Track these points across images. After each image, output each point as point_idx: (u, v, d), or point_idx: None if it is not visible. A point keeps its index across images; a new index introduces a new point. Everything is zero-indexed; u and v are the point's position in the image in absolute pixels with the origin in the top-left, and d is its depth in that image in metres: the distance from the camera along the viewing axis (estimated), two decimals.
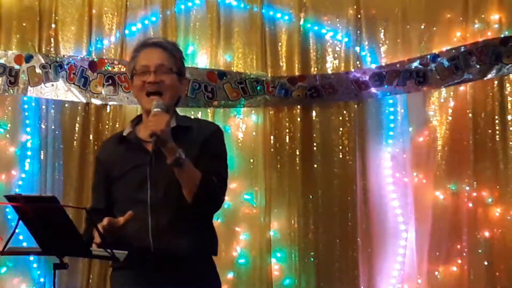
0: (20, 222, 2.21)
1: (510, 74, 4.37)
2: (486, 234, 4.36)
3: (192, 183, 2.40)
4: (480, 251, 4.33)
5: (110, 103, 4.63)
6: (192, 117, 4.55)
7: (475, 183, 4.38)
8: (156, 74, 2.50)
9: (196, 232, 2.49)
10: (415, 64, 4.43)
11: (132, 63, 2.59)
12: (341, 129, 4.58)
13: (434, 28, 4.53)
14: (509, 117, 4.38)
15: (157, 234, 2.41)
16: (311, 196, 4.54)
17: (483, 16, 4.46)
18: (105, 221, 2.34)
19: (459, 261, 4.37)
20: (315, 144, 4.57)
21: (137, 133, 2.59)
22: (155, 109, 2.42)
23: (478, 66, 4.34)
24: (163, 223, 2.42)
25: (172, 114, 2.54)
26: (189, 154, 2.43)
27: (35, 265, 4.55)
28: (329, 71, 4.61)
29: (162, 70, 2.51)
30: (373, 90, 4.49)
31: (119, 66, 4.57)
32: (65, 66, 4.58)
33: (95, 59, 4.60)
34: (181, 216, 2.44)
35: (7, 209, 4.44)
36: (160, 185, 2.45)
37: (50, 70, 4.58)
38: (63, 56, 4.65)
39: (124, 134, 2.60)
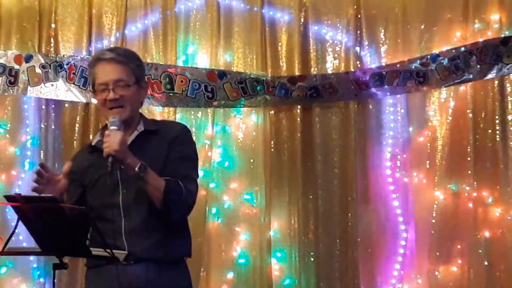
0: (20, 222, 2.21)
1: (511, 74, 4.36)
2: (487, 234, 4.35)
3: (158, 191, 2.47)
4: (480, 251, 4.32)
5: None
6: (193, 117, 4.63)
7: (475, 183, 4.37)
8: (115, 90, 2.56)
9: (168, 233, 2.55)
10: (415, 64, 4.42)
11: (91, 78, 2.66)
12: (341, 129, 4.58)
13: (434, 28, 4.52)
14: (509, 117, 4.36)
15: (130, 234, 2.50)
16: (311, 196, 4.54)
17: (483, 16, 4.45)
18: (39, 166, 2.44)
19: (459, 261, 4.36)
20: (315, 144, 4.57)
21: None
22: (111, 127, 2.48)
23: (478, 66, 4.33)
24: (135, 224, 2.51)
25: (139, 120, 2.65)
26: (158, 157, 2.54)
27: (35, 265, 4.54)
28: (329, 71, 4.60)
29: (120, 85, 2.57)
30: (373, 90, 4.48)
31: None
32: (65, 66, 4.57)
33: None
34: (153, 217, 2.52)
35: (7, 209, 4.43)
36: (131, 188, 2.52)
37: (50, 70, 4.57)
38: (63, 56, 4.65)
39: (93, 143, 2.69)
